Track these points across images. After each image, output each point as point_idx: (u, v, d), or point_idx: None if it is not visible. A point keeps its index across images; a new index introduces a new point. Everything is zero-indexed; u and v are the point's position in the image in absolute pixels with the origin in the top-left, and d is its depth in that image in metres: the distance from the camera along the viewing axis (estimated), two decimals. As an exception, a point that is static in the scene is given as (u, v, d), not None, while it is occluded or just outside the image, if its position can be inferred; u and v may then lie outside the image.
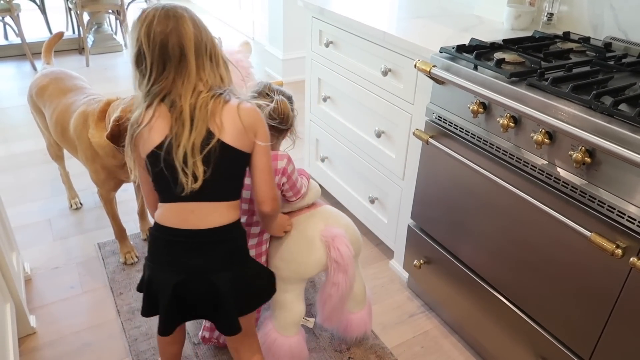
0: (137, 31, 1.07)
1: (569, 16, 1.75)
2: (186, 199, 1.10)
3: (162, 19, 1.06)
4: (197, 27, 1.09)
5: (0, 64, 4.16)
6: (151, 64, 1.07)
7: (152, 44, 1.05)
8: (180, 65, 1.07)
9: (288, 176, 1.35)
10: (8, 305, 1.53)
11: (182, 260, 1.13)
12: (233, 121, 1.09)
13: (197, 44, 1.08)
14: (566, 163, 1.16)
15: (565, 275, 1.22)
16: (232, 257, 1.17)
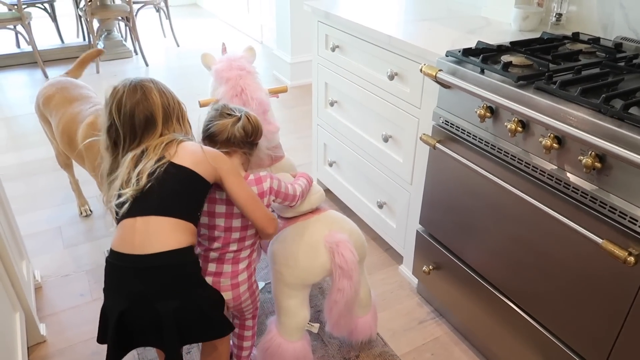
0: (109, 106, 1.18)
1: (578, 16, 1.72)
2: (132, 212, 1.11)
3: (131, 93, 1.17)
4: (164, 95, 1.21)
5: (12, 72, 4.22)
6: (124, 135, 1.18)
7: (123, 117, 1.17)
8: (148, 129, 1.18)
9: (277, 192, 1.35)
10: (17, 315, 1.54)
11: (127, 287, 1.10)
12: (192, 152, 1.17)
13: (164, 110, 1.20)
14: (576, 168, 1.14)
15: (576, 283, 1.20)
16: (178, 284, 1.11)
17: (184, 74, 4.20)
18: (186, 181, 1.16)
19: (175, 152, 1.16)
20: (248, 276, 1.36)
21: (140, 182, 1.12)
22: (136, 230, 1.10)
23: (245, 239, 1.33)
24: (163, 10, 4.96)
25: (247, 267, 1.36)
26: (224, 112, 1.30)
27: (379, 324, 1.75)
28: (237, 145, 1.29)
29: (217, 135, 1.27)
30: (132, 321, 1.10)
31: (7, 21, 3.93)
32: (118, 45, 4.58)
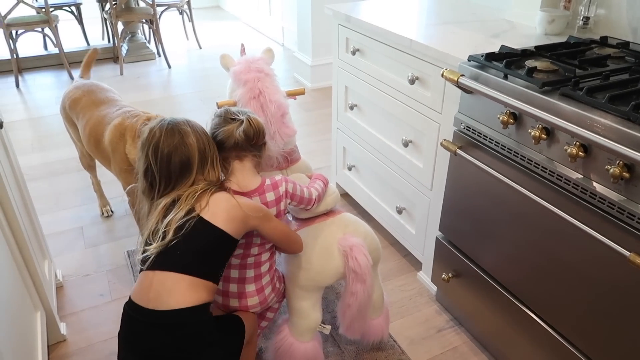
0: (145, 150, 1.17)
1: (607, 20, 1.67)
2: (153, 265, 1.10)
3: (168, 137, 1.16)
4: (201, 140, 1.20)
5: (39, 74, 4.31)
6: (159, 179, 1.17)
7: (160, 161, 1.16)
8: (183, 175, 1.17)
9: (292, 195, 1.34)
10: (39, 314, 1.57)
11: (139, 341, 1.10)
12: (225, 208, 1.15)
13: (201, 155, 1.19)
14: (603, 178, 1.10)
15: (601, 295, 1.16)
16: (189, 343, 1.09)
17: (206, 76, 4.24)
18: (214, 241, 1.14)
19: (207, 204, 1.14)
20: (271, 278, 1.37)
21: (166, 236, 1.10)
22: (153, 283, 1.09)
23: (265, 243, 1.34)
24: (186, 12, 5.01)
25: (269, 270, 1.37)
26: (228, 117, 1.29)
27: (397, 332, 1.73)
28: (246, 149, 1.28)
29: (224, 142, 1.27)
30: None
31: (35, 24, 4.02)
32: (142, 48, 4.65)
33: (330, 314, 1.77)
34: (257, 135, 1.29)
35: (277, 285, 1.42)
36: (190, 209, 1.13)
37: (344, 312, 1.44)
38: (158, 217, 1.14)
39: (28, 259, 1.51)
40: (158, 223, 1.13)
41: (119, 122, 1.76)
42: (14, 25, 3.94)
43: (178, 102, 3.76)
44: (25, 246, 1.49)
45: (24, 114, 3.52)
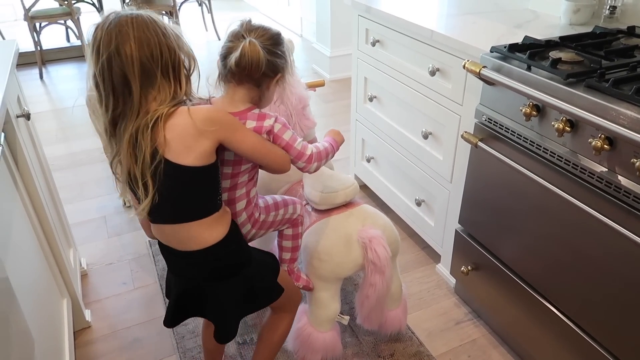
0: (90, 49, 0.99)
1: (635, 9, 1.63)
2: (158, 221, 1.10)
3: (108, 41, 0.96)
4: (142, 42, 0.96)
5: (62, 65, 4.38)
6: (105, 92, 1.00)
7: (101, 69, 0.97)
8: (128, 94, 0.98)
9: (275, 137, 1.15)
10: (65, 300, 1.61)
11: (181, 270, 1.18)
12: (181, 136, 0.99)
13: (142, 66, 0.97)
14: (628, 171, 1.08)
15: (624, 289, 1.14)
16: (223, 272, 1.14)
17: (225, 68, 4.26)
18: (193, 181, 1.05)
19: (165, 139, 0.99)
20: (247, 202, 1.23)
21: (147, 189, 1.01)
22: (167, 234, 1.11)
23: (236, 186, 1.20)
24: (205, 4, 5.03)
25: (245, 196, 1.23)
26: (238, 34, 1.11)
27: (415, 323, 1.73)
28: (243, 77, 1.11)
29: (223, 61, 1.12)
30: (187, 299, 1.19)
31: (58, 16, 4.08)
32: (162, 39, 4.68)
33: (349, 305, 1.78)
34: (249, 68, 1.08)
35: (261, 205, 1.29)
36: (153, 149, 0.99)
37: (362, 303, 1.45)
38: (129, 160, 1.01)
39: (54, 247, 1.55)
40: (130, 165, 1.01)
41: None
42: (37, 17, 4.00)
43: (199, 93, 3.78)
44: (52, 235, 1.53)
45: (47, 105, 3.59)
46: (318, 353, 1.49)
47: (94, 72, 0.99)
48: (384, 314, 1.56)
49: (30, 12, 3.94)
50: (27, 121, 1.57)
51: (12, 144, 1.38)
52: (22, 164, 1.41)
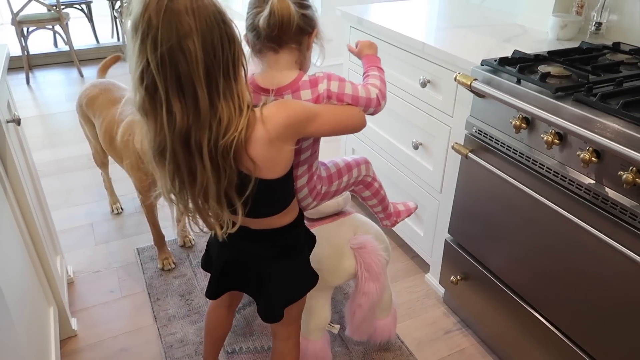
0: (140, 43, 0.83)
1: (619, 26, 1.68)
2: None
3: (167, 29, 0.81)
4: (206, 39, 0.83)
5: (49, 71, 4.34)
6: (167, 96, 0.85)
7: (163, 67, 0.82)
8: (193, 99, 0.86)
9: (338, 96, 1.06)
10: (52, 309, 1.58)
11: (236, 244, 1.14)
12: (266, 155, 0.95)
13: (207, 66, 0.85)
14: (615, 183, 1.11)
15: (614, 302, 1.17)
16: (280, 251, 1.16)
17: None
18: (279, 187, 1.05)
19: (253, 163, 0.94)
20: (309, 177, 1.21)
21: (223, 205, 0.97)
22: (248, 222, 1.10)
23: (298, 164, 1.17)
24: (195, 12, 5.03)
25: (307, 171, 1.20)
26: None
27: (404, 333, 1.74)
28: (278, 39, 1.02)
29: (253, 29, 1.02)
30: (233, 271, 1.19)
31: (47, 21, 4.05)
32: (151, 46, 4.67)
33: (338, 314, 1.78)
34: (282, 24, 0.99)
35: (318, 188, 1.26)
36: (239, 172, 0.95)
37: (353, 312, 1.45)
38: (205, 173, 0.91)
39: (42, 255, 1.53)
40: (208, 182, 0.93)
41: (130, 119, 1.77)
42: (25, 22, 3.97)
43: (187, 101, 3.78)
44: (40, 242, 1.51)
45: (34, 111, 3.55)
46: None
47: (142, 68, 0.83)
48: (374, 324, 1.57)
49: (18, 16, 3.91)
50: (17, 127, 1.55)
51: (1, 149, 1.36)
52: (12, 170, 1.39)
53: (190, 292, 1.90)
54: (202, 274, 1.99)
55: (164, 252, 2.02)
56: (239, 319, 1.78)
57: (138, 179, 1.81)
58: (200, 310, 1.81)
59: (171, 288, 1.92)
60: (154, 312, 1.81)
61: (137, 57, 0.83)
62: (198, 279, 1.97)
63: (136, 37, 0.82)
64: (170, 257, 2.03)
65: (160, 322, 1.77)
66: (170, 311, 1.81)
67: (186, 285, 1.93)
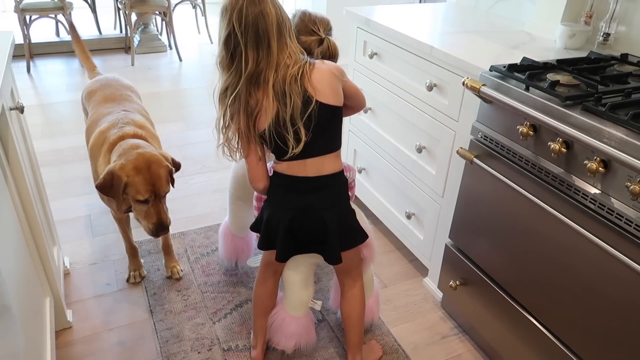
0: (229, 14, 1.17)
1: (627, 37, 1.68)
2: (298, 157, 1.25)
3: (250, 4, 1.16)
4: (277, 7, 1.19)
5: (50, 60, 4.32)
6: (245, 47, 1.17)
7: (245, 27, 1.15)
8: (267, 47, 1.18)
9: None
10: (48, 299, 1.57)
11: (294, 202, 1.32)
12: (328, 82, 1.23)
13: (278, 25, 1.18)
14: (622, 194, 1.11)
15: (614, 312, 1.16)
16: (337, 199, 1.35)
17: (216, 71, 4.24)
18: (336, 119, 1.29)
19: (314, 87, 1.21)
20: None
21: (300, 140, 1.21)
22: (307, 165, 1.28)
23: None
24: (199, 7, 5.02)
25: None
26: (309, 26, 1.40)
27: (401, 336, 1.74)
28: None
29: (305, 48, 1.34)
30: (299, 227, 1.32)
31: (50, 10, 4.03)
32: (154, 39, 4.65)
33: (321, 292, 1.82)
34: (332, 57, 1.40)
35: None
36: (304, 95, 1.20)
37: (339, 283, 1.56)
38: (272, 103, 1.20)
39: (40, 245, 1.51)
40: (279, 110, 1.20)
41: (104, 128, 1.70)
42: (28, 10, 3.95)
43: (187, 96, 3.76)
44: (38, 231, 1.50)
45: (34, 100, 3.53)
46: (292, 338, 1.54)
47: (228, 32, 1.16)
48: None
49: (21, 4, 3.88)
50: (20, 114, 1.54)
51: (4, 137, 1.35)
52: (13, 158, 1.38)
53: (187, 288, 1.89)
54: (199, 270, 1.98)
55: (133, 263, 1.91)
56: (235, 317, 1.77)
57: (100, 195, 1.72)
58: (197, 307, 1.80)
59: (168, 283, 1.91)
60: (150, 306, 1.80)
61: (225, 26, 1.17)
62: (195, 274, 1.96)
63: (226, 13, 1.17)
64: (139, 269, 1.91)
65: (156, 316, 1.76)
66: (166, 306, 1.80)
67: (183, 281, 1.92)
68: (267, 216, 1.35)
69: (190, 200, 2.43)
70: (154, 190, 1.54)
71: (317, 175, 1.29)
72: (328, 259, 1.38)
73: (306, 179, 1.29)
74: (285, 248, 1.36)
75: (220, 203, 2.42)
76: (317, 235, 1.33)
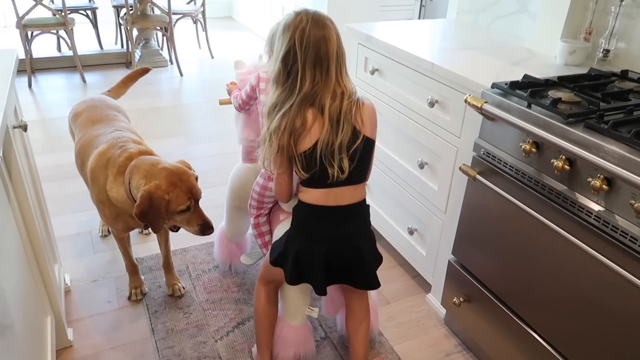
0: (291, 32, 1.21)
1: (627, 53, 1.70)
2: (332, 185, 1.28)
3: (314, 27, 1.20)
4: (338, 38, 1.25)
5: (52, 75, 4.34)
6: (303, 68, 1.21)
7: (306, 47, 1.20)
8: (326, 72, 1.23)
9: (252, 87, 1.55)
10: (49, 318, 1.56)
11: (331, 231, 1.33)
12: (369, 117, 1.29)
13: (337, 53, 1.24)
14: (626, 212, 1.10)
15: (619, 329, 1.16)
16: (365, 225, 1.40)
17: (217, 86, 4.26)
18: (372, 152, 1.34)
19: (362, 120, 1.26)
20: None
21: (343, 169, 1.25)
22: (340, 193, 1.31)
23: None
24: (200, 22, 5.06)
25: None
26: None
27: (405, 353, 1.72)
28: None
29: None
30: (334, 258, 1.32)
31: (52, 26, 4.06)
32: (155, 54, 4.68)
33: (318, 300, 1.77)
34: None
35: None
36: (354, 127, 1.25)
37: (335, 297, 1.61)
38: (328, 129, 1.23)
39: (42, 262, 1.51)
40: (330, 138, 1.23)
41: (104, 149, 1.66)
42: (30, 26, 3.97)
43: (188, 110, 3.78)
44: (40, 249, 1.49)
45: (35, 115, 3.53)
46: (291, 347, 1.55)
47: (287, 49, 1.21)
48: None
49: (23, 20, 3.91)
50: (24, 132, 1.54)
51: (7, 154, 1.35)
52: (16, 176, 1.38)
53: (189, 305, 1.87)
54: (201, 287, 1.97)
55: (134, 281, 1.90)
56: (237, 335, 1.75)
57: (103, 215, 1.73)
58: (198, 324, 1.79)
59: (169, 300, 1.89)
60: (152, 324, 1.79)
61: (286, 43, 1.22)
62: (197, 291, 1.95)
63: (288, 30, 1.22)
64: (141, 286, 1.91)
65: (157, 335, 1.74)
66: (168, 324, 1.79)
67: (185, 298, 1.91)
68: (298, 249, 1.33)
69: (191, 216, 2.42)
70: (192, 197, 1.59)
71: (350, 204, 1.32)
72: (366, 286, 1.41)
73: (340, 207, 1.31)
74: (323, 280, 1.35)
75: (222, 219, 2.41)
76: (353, 263, 1.35)
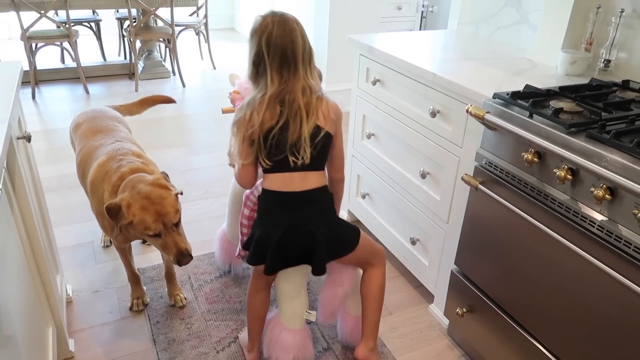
0: (258, 37, 1.32)
1: (627, 63, 1.70)
2: (292, 170, 1.37)
3: (279, 29, 1.30)
4: (304, 38, 1.34)
5: (55, 86, 4.36)
6: (271, 68, 1.32)
7: (273, 50, 1.31)
8: (294, 71, 1.33)
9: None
10: (50, 329, 1.55)
11: (287, 218, 1.40)
12: (328, 113, 1.39)
13: (304, 53, 1.34)
14: (629, 222, 1.10)
15: (624, 339, 1.15)
16: (324, 212, 1.45)
17: (219, 96, 4.28)
18: (329, 143, 1.43)
19: (322, 115, 1.37)
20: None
21: (306, 157, 1.35)
22: (294, 179, 1.39)
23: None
24: (203, 33, 5.10)
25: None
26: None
27: (408, 365, 1.71)
28: None
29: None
30: (288, 243, 1.39)
31: (56, 38, 4.09)
32: (157, 66, 4.71)
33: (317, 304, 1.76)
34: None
35: None
36: (316, 124, 1.35)
37: (328, 301, 1.57)
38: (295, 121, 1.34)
39: (44, 273, 1.50)
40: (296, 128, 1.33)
41: (103, 161, 1.67)
42: (35, 38, 4.01)
43: (191, 121, 3.79)
44: (42, 260, 1.49)
45: (38, 126, 3.55)
46: (289, 352, 1.53)
47: (257, 51, 1.32)
48: (352, 319, 1.67)
49: (28, 32, 3.95)
50: (27, 143, 1.55)
51: (10, 165, 1.35)
52: (19, 187, 1.38)
53: (190, 316, 1.87)
54: (203, 297, 1.96)
55: (136, 291, 1.90)
56: (239, 346, 1.74)
57: (102, 226, 1.73)
58: (200, 335, 1.78)
59: (171, 311, 1.89)
60: (153, 335, 1.78)
61: (255, 46, 1.33)
62: (199, 302, 1.94)
63: (255, 35, 1.33)
64: (142, 296, 1.90)
65: (159, 345, 1.73)
66: (169, 334, 1.78)
67: (187, 309, 1.90)
68: (258, 235, 1.42)
69: (193, 226, 2.42)
70: (163, 223, 1.50)
71: (305, 190, 1.40)
72: (314, 270, 1.44)
73: (296, 193, 1.39)
74: (274, 262, 1.42)
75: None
76: (306, 248, 1.41)
